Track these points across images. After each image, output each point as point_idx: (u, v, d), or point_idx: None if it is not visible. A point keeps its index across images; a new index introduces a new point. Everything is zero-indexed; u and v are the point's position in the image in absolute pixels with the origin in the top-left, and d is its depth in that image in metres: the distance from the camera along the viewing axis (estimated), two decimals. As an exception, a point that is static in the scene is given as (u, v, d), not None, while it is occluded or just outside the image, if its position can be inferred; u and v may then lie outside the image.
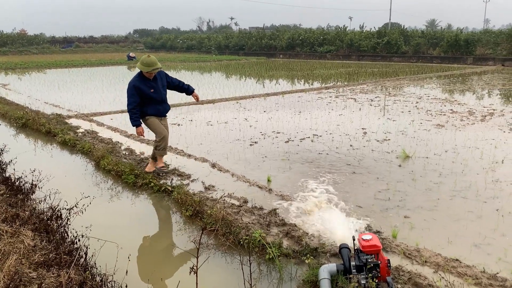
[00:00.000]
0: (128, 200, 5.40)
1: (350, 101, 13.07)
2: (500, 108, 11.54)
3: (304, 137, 8.48)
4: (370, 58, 36.00)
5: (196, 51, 55.07)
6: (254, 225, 4.40)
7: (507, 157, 6.84)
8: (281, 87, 17.29)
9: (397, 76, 21.44)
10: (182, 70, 27.90)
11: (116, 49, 62.76)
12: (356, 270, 3.17)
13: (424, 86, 17.27)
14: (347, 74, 22.80)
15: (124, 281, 2.99)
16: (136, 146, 7.80)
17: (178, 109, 12.03)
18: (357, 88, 16.64)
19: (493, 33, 34.24)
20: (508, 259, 3.75)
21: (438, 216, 4.67)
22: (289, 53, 43.40)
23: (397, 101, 12.95)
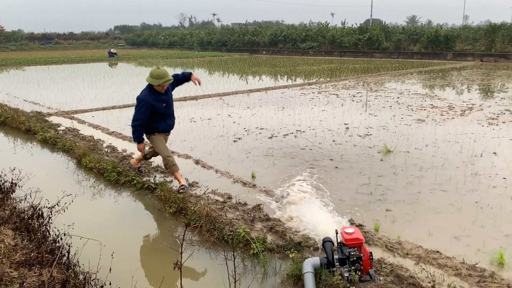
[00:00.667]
0: (111, 198, 5.35)
1: (333, 97, 13.15)
2: (479, 103, 11.76)
3: (287, 132, 8.52)
4: (352, 54, 36.27)
5: (178, 48, 54.67)
6: (238, 220, 4.42)
7: (486, 150, 6.99)
8: (264, 83, 17.31)
9: (378, 72, 21.65)
10: (165, 67, 27.67)
11: (97, 46, 61.86)
12: (339, 263, 3.21)
13: (405, 81, 17.49)
14: (329, 70, 22.93)
15: (108, 278, 2.97)
16: (118, 144, 7.73)
17: (161, 106, 11.93)
18: (339, 84, 16.75)
19: (472, 29, 34.81)
20: (487, 250, 3.84)
21: (419, 209, 4.75)
22: (272, 49, 43.42)
23: (379, 97, 13.09)
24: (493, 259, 3.66)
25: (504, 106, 11.21)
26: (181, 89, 15.61)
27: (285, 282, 3.43)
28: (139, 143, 5.46)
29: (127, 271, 3.25)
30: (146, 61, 33.98)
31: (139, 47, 60.12)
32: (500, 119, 9.46)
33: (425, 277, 3.32)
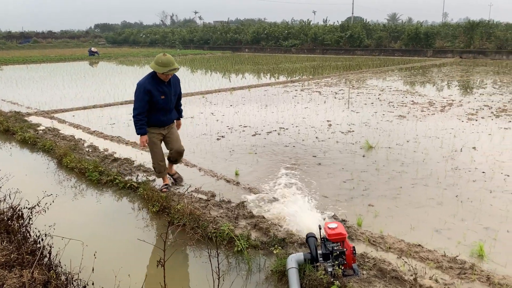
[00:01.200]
0: (93, 198, 5.29)
1: (315, 94, 13.22)
2: (459, 99, 11.96)
3: (270, 130, 8.53)
4: (334, 52, 36.49)
5: (160, 46, 54.23)
6: (222, 218, 4.41)
7: (466, 145, 7.11)
8: (247, 81, 17.30)
9: (360, 69, 21.83)
10: (146, 65, 27.43)
11: (77, 44, 60.97)
12: (323, 258, 3.23)
13: (386, 78, 17.67)
14: (312, 68, 23.03)
15: (90, 278, 2.94)
16: (99, 143, 7.64)
17: (143, 104, 11.83)
18: (321, 81, 16.85)
19: (451, 26, 35.35)
20: (467, 242, 3.91)
21: (401, 204, 4.81)
22: (254, 47, 43.39)
23: (361, 94, 13.20)
24: (473, 252, 3.73)
25: (483, 101, 11.42)
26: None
27: (270, 278, 3.44)
28: (142, 135, 4.92)
29: (110, 270, 3.21)
30: (127, 59, 33.63)
31: (120, 46, 59.45)
32: (479, 115, 9.63)
33: (407, 270, 3.36)
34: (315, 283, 3.08)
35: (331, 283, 3.04)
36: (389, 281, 3.20)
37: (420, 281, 3.18)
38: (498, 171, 5.83)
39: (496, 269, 3.46)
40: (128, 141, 7.72)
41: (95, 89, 15.39)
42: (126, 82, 17.02)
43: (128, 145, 7.49)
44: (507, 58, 27.70)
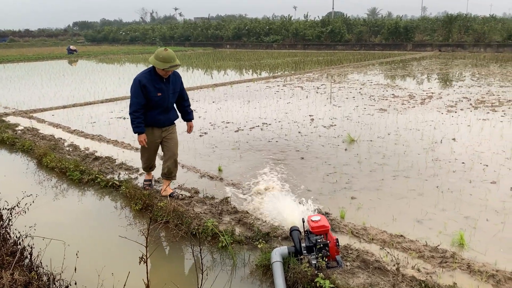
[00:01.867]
0: (75, 197, 5.22)
1: (298, 89, 13.26)
2: (438, 91, 12.13)
3: (253, 126, 8.53)
4: (315, 47, 36.64)
5: (140, 43, 53.72)
6: (206, 214, 4.40)
7: (446, 137, 7.22)
8: (229, 78, 17.25)
9: (341, 64, 21.97)
10: (127, 63, 27.15)
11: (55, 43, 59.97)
12: (306, 251, 3.25)
13: (367, 72, 17.82)
14: (293, 63, 23.09)
15: (73, 278, 2.90)
16: (80, 142, 7.54)
17: (124, 102, 11.71)
18: (303, 76, 16.90)
19: (430, 20, 35.85)
20: (448, 232, 3.98)
21: (383, 196, 4.87)
22: (236, 43, 43.29)
23: (342, 88, 13.29)
24: (454, 241, 3.80)
25: (461, 94, 11.61)
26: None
27: (254, 272, 3.45)
28: (139, 134, 4.61)
29: (93, 270, 3.18)
30: (107, 57, 33.22)
31: (99, 44, 58.69)
32: (458, 107, 9.79)
33: (390, 261, 3.41)
34: (300, 275, 3.10)
35: (315, 275, 3.06)
36: (372, 272, 3.24)
37: (402, 271, 3.23)
38: (477, 161, 5.94)
39: (476, 257, 3.53)
40: (109, 140, 7.63)
41: (75, 87, 15.16)
42: (106, 80, 16.80)
43: (110, 144, 7.40)
44: (484, 51, 28.20)
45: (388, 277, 3.16)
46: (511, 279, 3.16)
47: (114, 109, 10.71)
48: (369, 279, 3.14)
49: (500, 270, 3.27)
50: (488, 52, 27.73)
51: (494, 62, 21.19)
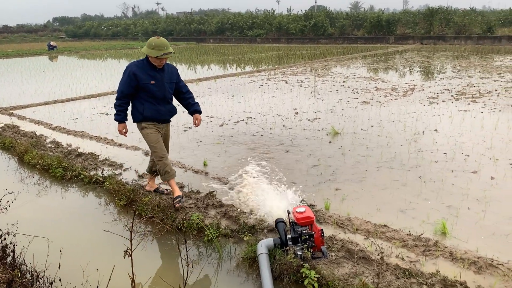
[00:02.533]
0: (58, 194, 5.15)
1: (282, 83, 13.27)
2: (420, 84, 12.27)
3: (238, 120, 8.52)
4: (299, 41, 36.69)
5: (122, 38, 53.11)
6: (192, 209, 4.39)
7: (428, 128, 7.32)
8: (213, 72, 17.19)
9: (325, 57, 22.04)
10: (109, 59, 26.82)
11: (35, 39, 58.88)
12: (292, 242, 3.27)
13: (350, 66, 17.93)
14: (277, 57, 23.09)
15: (57, 275, 2.87)
16: (62, 139, 7.43)
17: (106, 97, 11.58)
18: (287, 70, 16.92)
19: (412, 13, 36.15)
20: (431, 221, 4.04)
21: (367, 187, 4.92)
22: (219, 37, 43.10)
23: (326, 81, 13.35)
24: (436, 229, 3.86)
25: (443, 85, 11.76)
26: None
27: (240, 265, 3.46)
28: (118, 123, 4.41)
29: (78, 266, 3.15)
30: (89, 53, 32.77)
31: (80, 39, 57.83)
32: (440, 98, 9.92)
33: (375, 250, 3.45)
34: (286, 267, 3.12)
35: (301, 266, 3.08)
36: (357, 261, 3.28)
37: (387, 260, 3.27)
38: (459, 151, 6.04)
39: (458, 245, 3.59)
40: (92, 136, 7.54)
41: (56, 84, 14.93)
42: (88, 76, 16.58)
43: (92, 140, 7.32)
44: (465, 43, 28.59)
45: (372, 266, 3.20)
46: (492, 265, 3.22)
47: (97, 105, 10.59)
48: (354, 268, 3.18)
49: (482, 257, 3.33)
50: (468, 45, 28.13)
51: (474, 54, 21.51)
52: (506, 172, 5.22)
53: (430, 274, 3.07)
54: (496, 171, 5.25)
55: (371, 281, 2.97)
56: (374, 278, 3.01)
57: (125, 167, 5.86)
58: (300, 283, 3.09)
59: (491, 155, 5.85)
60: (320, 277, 3.05)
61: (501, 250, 3.49)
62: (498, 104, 9.00)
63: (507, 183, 4.90)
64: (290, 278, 3.12)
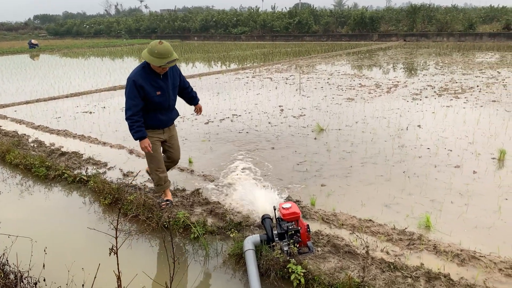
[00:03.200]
0: (41, 194, 5.08)
1: (267, 81, 13.28)
2: (404, 80, 12.40)
3: (223, 117, 8.51)
4: (283, 38, 36.73)
5: (105, 36, 52.54)
6: (178, 206, 4.37)
7: (411, 124, 7.40)
8: (198, 70, 17.11)
9: (309, 54, 22.12)
10: (92, 57, 26.50)
11: (15, 37, 57.89)
12: (278, 238, 3.29)
13: (335, 63, 18.02)
14: (262, 55, 23.09)
15: (41, 275, 2.84)
16: (45, 138, 7.33)
17: (89, 96, 11.46)
18: (272, 67, 16.94)
19: (395, 11, 36.41)
20: (415, 215, 4.09)
21: (352, 182, 4.96)
22: (203, 35, 42.92)
23: (311, 79, 13.40)
24: (420, 223, 3.91)
25: (426, 82, 11.90)
26: (110, 78, 15.09)
27: (227, 262, 3.46)
28: (141, 140, 3.98)
29: (63, 265, 3.11)
30: (71, 51, 32.34)
31: (62, 37, 57.04)
32: (423, 94, 10.04)
33: (360, 245, 3.48)
34: (272, 262, 3.13)
35: (287, 261, 3.10)
36: (343, 256, 3.31)
37: (372, 254, 3.30)
38: (442, 146, 6.12)
39: (442, 238, 3.65)
40: (76, 134, 7.45)
41: (38, 82, 14.71)
42: (71, 75, 16.35)
43: (76, 139, 7.23)
44: (447, 40, 28.95)
45: (358, 260, 3.23)
46: (474, 257, 3.28)
47: (80, 104, 10.46)
48: (339, 263, 3.20)
49: (465, 250, 3.39)
50: (450, 41, 28.49)
51: (456, 51, 21.80)
52: (488, 166, 5.31)
53: (415, 267, 3.12)
54: (478, 166, 5.34)
55: (357, 275, 3.00)
56: (359, 272, 3.04)
57: (110, 165, 5.81)
58: (286, 278, 3.11)
59: (473, 149, 5.95)
60: (307, 272, 3.07)
61: (484, 243, 3.55)
62: (480, 100, 9.14)
63: (489, 177, 4.99)
64: (276, 274, 3.14)
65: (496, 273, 3.09)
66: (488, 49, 22.20)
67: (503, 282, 3.00)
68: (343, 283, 2.91)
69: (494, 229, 3.80)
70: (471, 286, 2.89)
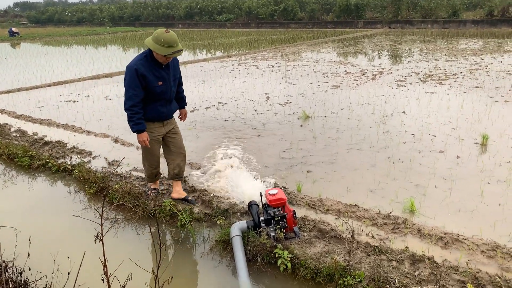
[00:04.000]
0: (25, 184, 5.02)
1: (252, 68, 13.23)
2: (388, 67, 12.46)
3: (209, 105, 8.46)
4: (269, 26, 36.53)
5: (88, 24, 51.67)
6: (164, 195, 4.36)
7: (396, 110, 7.46)
8: (183, 58, 16.94)
9: (295, 42, 22.06)
10: (74, 45, 26.05)
11: (-5, 25, 56.56)
12: (265, 224, 3.30)
13: (320, 50, 18.00)
14: (247, 42, 22.95)
15: (27, 264, 2.81)
16: (28, 127, 7.22)
17: (73, 85, 11.29)
18: (258, 55, 16.86)
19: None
20: (400, 199, 4.15)
21: (338, 168, 5.00)
22: (188, 22, 42.45)
23: (296, 66, 13.38)
24: (405, 208, 3.97)
25: (410, 69, 11.98)
26: (93, 66, 14.88)
27: (214, 248, 3.47)
28: (139, 133, 3.79)
29: (48, 255, 3.09)
30: (53, 39, 31.75)
31: (44, 25, 55.93)
32: (407, 81, 10.11)
33: (345, 229, 3.52)
34: (259, 248, 3.15)
35: (274, 246, 3.12)
36: (329, 240, 3.34)
37: (357, 238, 3.34)
38: (426, 132, 6.19)
39: (426, 222, 3.71)
40: (59, 124, 7.35)
41: (19, 71, 14.43)
42: (53, 63, 16.07)
43: (60, 128, 7.13)
44: (431, 27, 29.10)
45: (343, 244, 3.27)
46: (457, 240, 3.34)
47: (63, 92, 10.30)
48: (326, 247, 3.24)
49: (448, 233, 3.45)
50: (435, 28, 28.65)
51: (440, 37, 21.95)
52: (471, 151, 5.39)
53: (399, 251, 3.16)
54: (462, 151, 5.41)
55: (343, 259, 3.03)
56: (345, 256, 3.08)
57: (94, 154, 5.75)
58: (273, 263, 3.13)
59: (456, 135, 6.03)
60: (293, 257, 3.10)
61: (466, 226, 3.62)
62: (463, 86, 9.24)
63: (471, 161, 5.06)
64: (263, 259, 3.16)
65: (479, 255, 3.16)
66: (471, 36, 22.40)
67: (485, 263, 3.06)
68: (329, 267, 2.95)
69: (477, 212, 3.87)
70: (454, 268, 2.95)
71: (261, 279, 3.10)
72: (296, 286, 3.01)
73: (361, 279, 2.81)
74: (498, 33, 23.33)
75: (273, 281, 3.08)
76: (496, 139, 5.76)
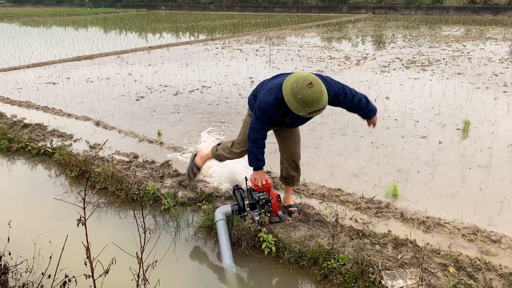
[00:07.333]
0: (3, 168, 4.90)
1: (237, 52, 13.11)
2: (372, 53, 12.49)
3: (193, 89, 8.37)
4: (253, 9, 36.19)
5: (67, 4, 50.39)
6: (147, 179, 4.31)
7: (379, 96, 7.49)
8: (166, 40, 16.70)
9: (279, 26, 21.90)
10: (54, 26, 25.41)
11: (-30, 4, 54.76)
12: (250, 208, 3.29)
13: (305, 35, 17.93)
14: (232, 26, 22.71)
15: (6, 248, 2.75)
16: (6, 109, 7.04)
17: (52, 66, 11.04)
18: (242, 39, 16.71)
19: (364, -17, 36.32)
20: (383, 184, 4.19)
21: (322, 153, 5.01)
22: (170, 4, 41.74)
23: (281, 50, 13.31)
24: (388, 192, 4.01)
25: (394, 54, 12.03)
26: (74, 48, 14.56)
27: (198, 232, 3.45)
28: (257, 170, 3.25)
29: (29, 239, 3.04)
30: (32, 20, 30.91)
31: (22, 5, 54.28)
32: (391, 67, 10.15)
33: (329, 213, 3.54)
34: (244, 232, 3.15)
35: (259, 230, 3.12)
36: (313, 224, 3.36)
37: (341, 222, 3.36)
38: (409, 117, 6.24)
39: (408, 206, 3.75)
40: (39, 106, 7.18)
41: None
42: (32, 44, 15.65)
43: (39, 110, 6.98)
44: (415, 13, 29.22)
45: (327, 228, 3.29)
46: (439, 224, 3.39)
47: (43, 74, 10.06)
48: (310, 231, 3.25)
49: (430, 217, 3.50)
50: (418, 15, 28.77)
51: (424, 24, 22.06)
52: (453, 136, 5.46)
53: (382, 234, 3.20)
54: (444, 136, 5.48)
55: (327, 243, 3.05)
56: (329, 239, 3.09)
57: (76, 137, 5.65)
58: (258, 247, 3.14)
59: (439, 120, 6.09)
60: (278, 241, 3.10)
61: (448, 210, 3.68)
62: (446, 72, 9.33)
63: (453, 147, 5.13)
64: (248, 243, 3.16)
65: (460, 239, 3.21)
66: (454, 22, 22.56)
67: (466, 246, 3.12)
68: (313, 250, 2.96)
69: (458, 196, 3.93)
70: (436, 251, 3.00)
71: (245, 263, 3.11)
72: (280, 269, 3.02)
73: (345, 263, 2.83)
74: (480, 20, 23.57)
75: (258, 265, 3.09)
76: (477, 125, 5.85)
